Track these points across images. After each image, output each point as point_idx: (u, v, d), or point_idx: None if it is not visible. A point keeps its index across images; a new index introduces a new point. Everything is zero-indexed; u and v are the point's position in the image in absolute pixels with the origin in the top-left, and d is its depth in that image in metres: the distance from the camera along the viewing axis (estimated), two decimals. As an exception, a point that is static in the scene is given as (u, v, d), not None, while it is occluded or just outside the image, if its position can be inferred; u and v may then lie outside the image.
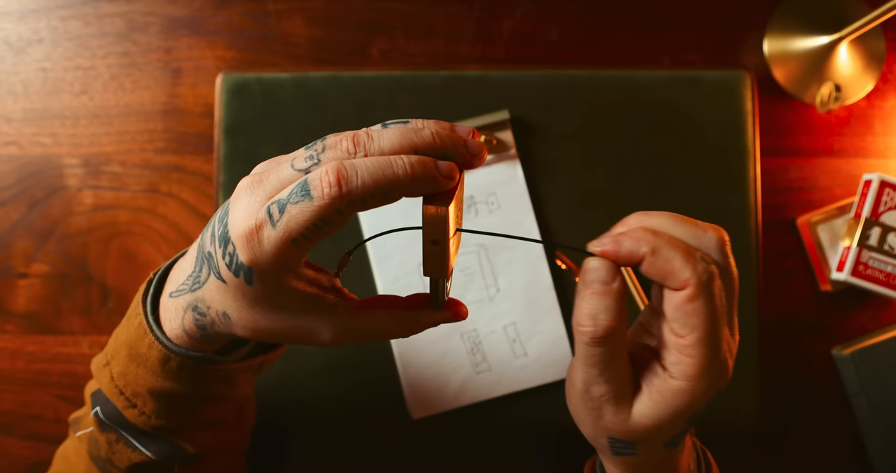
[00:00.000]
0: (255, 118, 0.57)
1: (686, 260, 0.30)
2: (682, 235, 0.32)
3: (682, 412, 0.32)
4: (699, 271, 0.30)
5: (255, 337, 0.34)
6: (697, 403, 0.32)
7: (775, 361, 0.60)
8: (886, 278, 0.58)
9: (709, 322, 0.30)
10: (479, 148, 0.31)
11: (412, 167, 0.29)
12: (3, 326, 0.60)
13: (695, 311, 0.30)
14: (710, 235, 0.32)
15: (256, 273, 0.31)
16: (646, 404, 0.33)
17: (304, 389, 0.56)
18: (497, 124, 0.56)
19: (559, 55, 0.61)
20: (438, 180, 0.29)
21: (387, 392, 0.56)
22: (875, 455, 0.59)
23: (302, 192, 0.28)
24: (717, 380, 0.31)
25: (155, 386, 0.38)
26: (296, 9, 0.60)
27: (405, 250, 0.56)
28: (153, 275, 0.39)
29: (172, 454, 0.40)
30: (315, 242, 0.30)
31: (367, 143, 0.30)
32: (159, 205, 0.60)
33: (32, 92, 0.61)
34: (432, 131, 0.30)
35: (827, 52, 0.60)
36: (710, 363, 0.31)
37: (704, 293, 0.30)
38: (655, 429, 0.33)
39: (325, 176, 0.28)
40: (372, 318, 0.34)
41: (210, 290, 0.33)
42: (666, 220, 0.32)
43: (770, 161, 0.60)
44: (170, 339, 0.37)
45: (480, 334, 0.56)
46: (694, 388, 0.31)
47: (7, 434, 0.60)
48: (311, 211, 0.28)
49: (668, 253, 0.30)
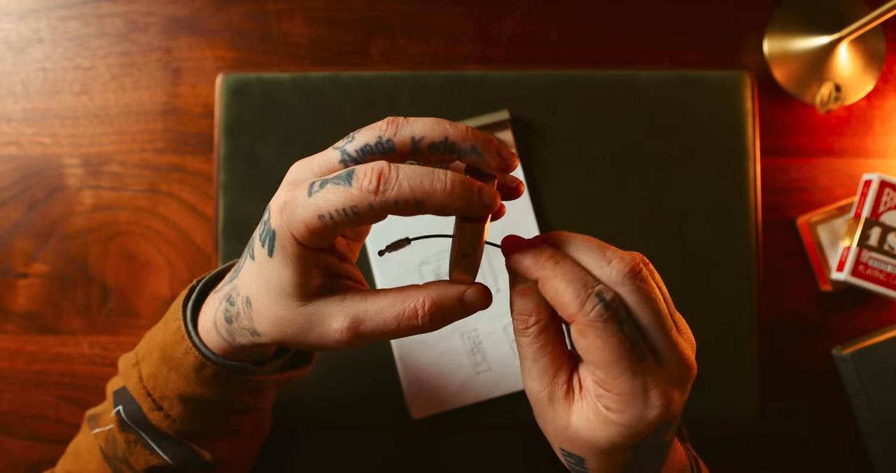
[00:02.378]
0: (255, 118, 0.57)
1: (576, 294, 0.30)
2: (587, 263, 0.31)
3: (616, 441, 0.31)
4: (587, 308, 0.29)
5: (272, 330, 0.33)
6: (631, 435, 0.31)
7: (775, 361, 0.60)
8: (886, 278, 0.58)
9: (608, 357, 0.30)
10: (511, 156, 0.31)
11: (452, 185, 0.28)
12: (3, 326, 0.60)
13: (588, 347, 0.30)
14: (613, 266, 0.30)
15: (278, 240, 0.31)
16: (581, 418, 0.32)
17: (305, 390, 0.56)
18: (497, 124, 0.56)
19: (559, 55, 0.61)
20: (474, 205, 0.29)
21: (387, 392, 0.56)
22: (875, 455, 0.59)
23: (346, 178, 0.29)
24: (646, 414, 0.30)
25: (186, 391, 0.38)
26: (296, 9, 0.60)
27: (405, 250, 0.56)
28: (196, 282, 0.39)
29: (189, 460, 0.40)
30: (339, 229, 0.30)
31: (400, 123, 0.30)
32: (159, 205, 0.60)
33: (32, 92, 0.61)
34: (467, 127, 0.30)
35: (827, 52, 0.60)
36: (628, 397, 0.30)
37: (594, 330, 0.30)
38: (594, 448, 0.32)
39: (370, 171, 0.29)
40: (385, 301, 0.32)
41: (243, 275, 0.34)
42: (578, 245, 0.32)
43: (770, 161, 0.60)
44: (207, 347, 0.37)
45: (480, 334, 0.56)
46: (622, 420, 0.31)
47: (7, 434, 0.60)
48: (346, 196, 0.29)
49: (559, 285, 0.30)
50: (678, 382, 0.31)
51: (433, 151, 0.30)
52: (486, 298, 0.32)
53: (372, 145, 0.30)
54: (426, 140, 0.30)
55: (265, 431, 0.48)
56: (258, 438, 0.47)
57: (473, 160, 0.30)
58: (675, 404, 0.31)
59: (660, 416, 0.30)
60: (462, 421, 0.56)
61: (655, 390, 0.30)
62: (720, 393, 0.57)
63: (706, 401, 0.56)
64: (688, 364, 0.31)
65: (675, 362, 0.31)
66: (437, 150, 0.30)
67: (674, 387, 0.31)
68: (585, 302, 0.30)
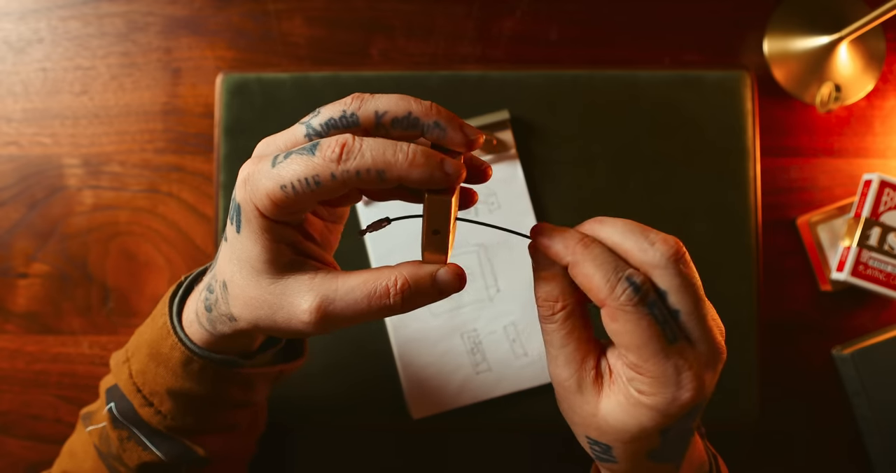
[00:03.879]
0: (255, 118, 0.57)
1: (606, 278, 0.30)
2: (629, 246, 0.31)
3: (647, 425, 0.31)
4: (618, 292, 0.30)
5: (246, 312, 0.33)
6: (662, 418, 0.31)
7: (775, 361, 0.60)
8: (886, 278, 0.58)
9: (639, 340, 0.30)
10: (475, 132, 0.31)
11: (414, 155, 0.29)
12: (3, 326, 0.60)
13: (618, 331, 0.30)
14: (657, 249, 0.30)
15: (243, 213, 0.31)
16: (611, 403, 0.32)
17: (304, 389, 0.56)
18: (497, 124, 0.56)
19: (559, 55, 0.61)
20: (437, 175, 0.29)
21: (387, 392, 0.56)
22: (875, 454, 0.59)
23: (310, 148, 0.29)
24: (679, 395, 0.30)
25: (174, 386, 0.38)
26: (296, 9, 0.60)
27: (404, 248, 0.56)
28: (184, 278, 0.39)
29: (182, 456, 0.40)
30: (302, 200, 0.29)
31: (365, 98, 0.30)
32: (159, 205, 0.60)
33: (32, 92, 0.61)
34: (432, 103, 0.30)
35: (827, 52, 0.60)
36: (660, 379, 0.30)
37: (624, 313, 0.30)
38: (624, 435, 0.32)
39: (334, 142, 0.29)
40: (356, 279, 0.31)
41: (219, 261, 0.34)
42: (616, 229, 0.32)
43: (770, 161, 0.60)
44: (193, 342, 0.37)
45: (480, 334, 0.56)
46: (654, 402, 0.31)
47: (7, 434, 0.60)
48: (309, 165, 0.29)
49: (589, 270, 0.30)
50: (710, 364, 0.31)
51: (396, 126, 0.30)
52: (459, 279, 0.32)
53: (336, 119, 0.30)
54: (389, 114, 0.30)
55: (260, 426, 0.48)
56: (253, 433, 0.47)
57: (436, 135, 0.30)
58: (707, 386, 0.31)
59: (693, 398, 0.30)
60: (462, 421, 0.56)
61: (688, 372, 0.30)
62: (720, 393, 0.56)
63: (706, 401, 0.57)
64: (719, 347, 0.31)
65: (706, 344, 0.31)
66: (399, 125, 0.30)
67: (706, 369, 0.31)
68: (616, 286, 0.30)
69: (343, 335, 0.57)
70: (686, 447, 0.34)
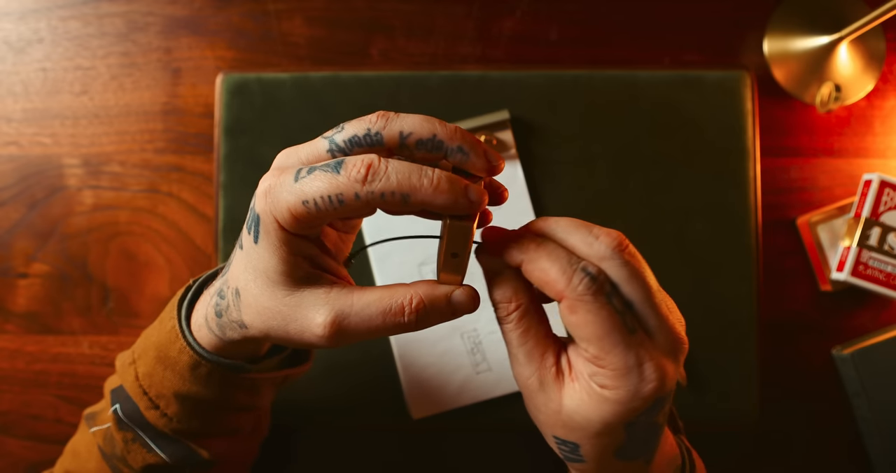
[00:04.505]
0: (255, 118, 0.57)
1: (562, 270, 0.30)
2: (574, 241, 0.31)
3: (611, 420, 0.31)
4: (575, 282, 0.30)
5: (258, 322, 0.33)
6: (626, 412, 0.31)
7: (775, 361, 0.60)
8: (886, 278, 0.58)
9: (599, 331, 0.30)
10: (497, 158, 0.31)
11: (439, 181, 0.29)
12: (3, 326, 0.60)
13: (577, 323, 0.30)
14: (601, 241, 0.31)
15: (262, 224, 0.31)
16: (575, 400, 0.32)
17: (306, 390, 0.56)
18: (497, 124, 0.56)
19: (559, 55, 0.61)
20: (461, 202, 0.29)
21: (387, 392, 0.56)
22: (875, 455, 0.59)
23: (335, 166, 0.29)
24: (641, 387, 0.30)
25: (181, 389, 0.38)
26: (296, 9, 0.60)
27: (405, 250, 0.56)
28: (193, 282, 0.39)
29: (187, 458, 0.40)
30: (323, 217, 0.30)
31: (390, 117, 0.30)
32: (159, 205, 0.60)
33: (32, 92, 0.61)
34: (456, 127, 0.31)
35: (827, 52, 0.60)
36: (622, 370, 0.30)
37: (583, 304, 0.30)
38: (589, 431, 0.32)
39: (360, 162, 0.29)
40: (372, 296, 0.32)
41: (233, 267, 0.34)
42: (562, 226, 0.32)
43: (770, 161, 0.60)
44: (201, 346, 0.37)
45: (480, 334, 0.56)
46: (617, 396, 0.30)
47: (7, 434, 0.60)
48: (333, 184, 0.29)
49: (545, 264, 0.30)
50: (670, 355, 0.31)
51: (420, 148, 0.30)
52: (473, 301, 0.32)
53: (360, 137, 0.30)
54: (414, 136, 0.30)
55: (264, 430, 0.48)
56: (257, 436, 0.47)
57: (459, 160, 0.30)
58: (669, 377, 0.31)
59: (655, 389, 0.30)
60: (462, 421, 0.56)
61: (649, 362, 0.30)
62: (720, 393, 0.57)
63: (706, 401, 0.56)
64: (678, 336, 0.31)
65: (665, 334, 0.31)
66: (424, 147, 0.30)
67: (667, 360, 0.31)
68: (573, 277, 0.30)
69: (343, 335, 0.57)
70: (655, 442, 0.34)
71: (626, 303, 0.30)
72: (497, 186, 0.34)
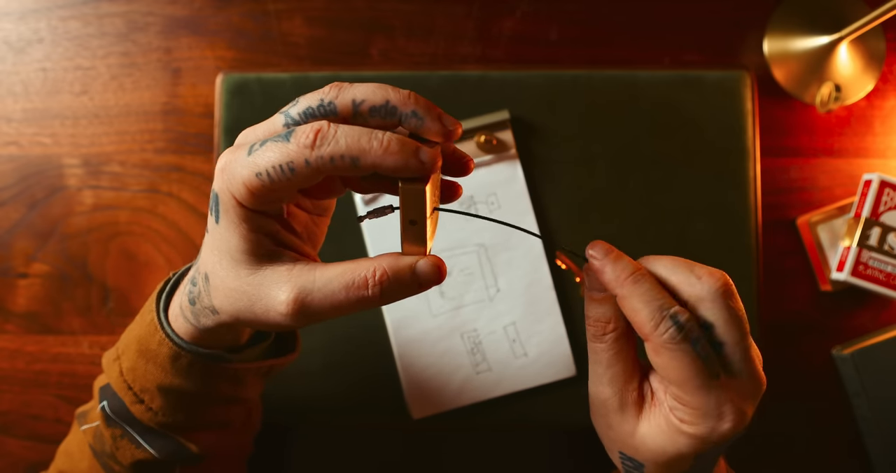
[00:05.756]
0: (255, 118, 0.57)
1: (651, 315, 0.30)
2: (676, 280, 0.32)
3: (685, 451, 0.32)
4: (661, 330, 0.30)
5: (226, 305, 0.33)
6: (701, 445, 0.32)
7: (775, 361, 0.60)
8: (886, 278, 0.58)
9: (682, 376, 0.31)
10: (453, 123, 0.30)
11: (389, 143, 0.28)
12: (3, 326, 0.60)
13: (661, 365, 0.31)
14: (703, 282, 0.31)
15: (221, 203, 0.31)
16: (651, 426, 0.33)
17: (304, 389, 0.56)
18: (497, 124, 0.56)
19: (559, 55, 0.61)
20: (411, 163, 0.29)
21: (387, 392, 0.56)
22: (875, 455, 0.59)
23: (285, 136, 0.29)
24: (719, 426, 0.31)
25: (164, 382, 0.38)
26: (296, 9, 0.60)
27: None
28: (172, 275, 0.39)
29: (176, 453, 0.40)
30: (278, 188, 0.29)
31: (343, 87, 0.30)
32: (159, 205, 0.60)
33: (32, 92, 0.61)
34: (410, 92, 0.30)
35: (827, 52, 0.60)
36: (702, 411, 0.31)
37: (667, 351, 0.30)
38: (661, 457, 0.33)
39: (309, 128, 0.29)
40: (334, 271, 0.31)
41: (202, 253, 0.34)
42: (662, 264, 0.32)
43: (770, 161, 0.60)
44: (180, 337, 0.37)
45: (480, 334, 0.56)
46: (695, 431, 0.32)
47: (7, 434, 0.60)
48: (283, 152, 0.29)
49: (636, 305, 0.31)
50: (751, 396, 0.32)
51: (374, 115, 0.30)
52: (438, 270, 0.31)
53: (314, 108, 0.30)
54: (367, 103, 0.29)
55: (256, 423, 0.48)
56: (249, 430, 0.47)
57: (414, 125, 0.30)
58: (746, 416, 0.32)
59: (733, 428, 0.31)
60: (462, 421, 0.56)
61: (729, 404, 0.31)
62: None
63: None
64: (760, 378, 0.32)
65: (748, 377, 0.32)
66: (378, 114, 0.30)
67: (746, 401, 0.32)
68: (660, 324, 0.30)
69: (343, 334, 0.57)
70: (712, 468, 0.35)
71: (716, 344, 0.31)
72: (461, 155, 0.33)
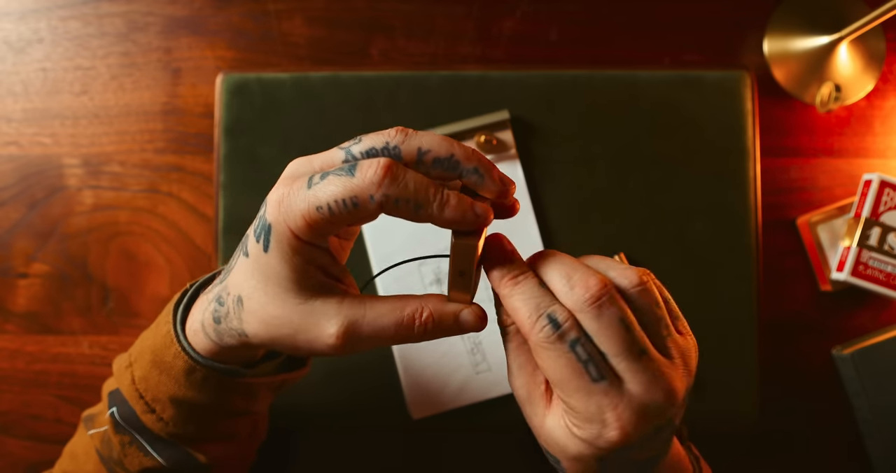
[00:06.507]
0: (255, 118, 0.57)
1: (528, 314, 0.30)
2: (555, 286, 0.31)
3: (583, 452, 0.31)
4: (537, 329, 0.30)
5: (261, 330, 0.33)
6: (594, 450, 0.31)
7: (775, 361, 0.60)
8: (886, 278, 0.58)
9: (559, 376, 0.30)
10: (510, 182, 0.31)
11: (448, 196, 0.29)
12: (3, 326, 0.60)
13: (541, 365, 0.31)
14: (575, 292, 0.30)
15: (274, 233, 0.31)
16: (554, 423, 0.33)
17: (306, 391, 0.56)
18: (497, 124, 0.56)
19: (559, 55, 0.61)
20: (468, 217, 0.29)
21: (387, 392, 0.56)
22: (875, 455, 0.59)
23: (348, 169, 0.29)
24: (604, 433, 0.30)
25: (177, 394, 0.38)
26: (296, 9, 0.60)
27: (406, 251, 0.56)
28: (190, 285, 0.39)
29: (184, 462, 0.40)
30: (337, 222, 0.30)
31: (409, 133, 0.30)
32: (159, 205, 0.60)
33: (32, 92, 0.61)
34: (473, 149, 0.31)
35: (827, 52, 0.60)
36: (584, 415, 0.30)
37: (543, 350, 0.30)
38: (566, 454, 0.32)
39: (376, 163, 0.29)
40: (384, 307, 0.32)
41: (234, 274, 0.34)
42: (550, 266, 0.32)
43: (770, 161, 0.60)
44: (197, 352, 0.37)
45: (480, 334, 0.56)
46: (583, 435, 0.31)
47: (7, 434, 0.60)
48: (348, 186, 0.29)
49: (516, 304, 0.31)
50: (642, 408, 0.30)
51: (437, 166, 0.30)
52: (481, 321, 0.33)
53: (378, 150, 0.30)
54: (432, 153, 0.30)
55: (262, 434, 0.48)
56: (254, 441, 0.47)
57: (474, 181, 0.31)
58: (632, 430, 0.30)
59: (618, 438, 0.30)
60: (462, 422, 0.56)
61: (612, 412, 0.30)
62: (720, 394, 0.57)
63: (706, 402, 0.56)
64: (654, 390, 0.30)
65: (639, 387, 0.30)
66: (440, 166, 0.30)
67: (635, 413, 0.30)
68: (536, 323, 0.30)
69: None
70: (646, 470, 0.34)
71: (601, 352, 0.30)
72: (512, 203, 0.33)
